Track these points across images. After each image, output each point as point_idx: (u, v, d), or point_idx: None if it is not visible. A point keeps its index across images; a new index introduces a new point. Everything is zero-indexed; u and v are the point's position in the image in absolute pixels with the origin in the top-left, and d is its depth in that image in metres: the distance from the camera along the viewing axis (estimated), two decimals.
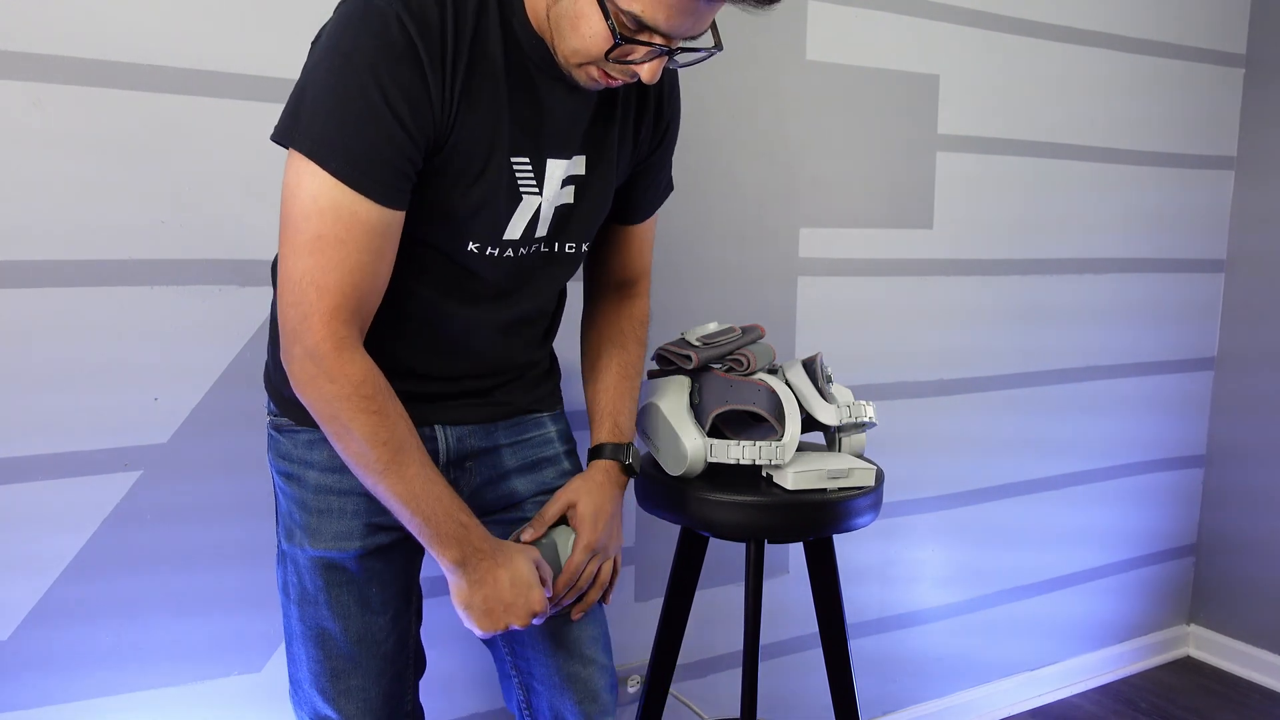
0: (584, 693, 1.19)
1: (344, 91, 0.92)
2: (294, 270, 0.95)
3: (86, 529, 1.31)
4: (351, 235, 0.94)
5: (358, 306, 0.97)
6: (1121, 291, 2.32)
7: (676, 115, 1.21)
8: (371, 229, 0.95)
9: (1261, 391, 2.44)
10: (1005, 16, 2.03)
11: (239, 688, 1.43)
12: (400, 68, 0.92)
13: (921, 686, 2.18)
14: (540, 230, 1.09)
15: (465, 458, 1.17)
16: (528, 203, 1.06)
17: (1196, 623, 2.63)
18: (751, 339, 1.34)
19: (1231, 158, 2.47)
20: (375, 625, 1.12)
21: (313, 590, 1.11)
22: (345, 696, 1.13)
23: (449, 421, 1.15)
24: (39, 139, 1.22)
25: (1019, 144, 2.10)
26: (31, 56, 1.21)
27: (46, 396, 1.27)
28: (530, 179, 1.05)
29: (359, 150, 0.92)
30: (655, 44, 0.94)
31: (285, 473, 1.14)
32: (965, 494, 2.16)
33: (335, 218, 0.93)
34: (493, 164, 1.02)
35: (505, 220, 1.06)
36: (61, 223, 1.25)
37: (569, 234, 1.13)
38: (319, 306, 0.95)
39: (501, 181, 1.03)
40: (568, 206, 1.11)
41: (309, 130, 0.93)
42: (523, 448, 1.21)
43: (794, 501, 1.24)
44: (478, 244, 1.05)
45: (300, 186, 0.93)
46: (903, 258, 1.98)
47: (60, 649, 1.31)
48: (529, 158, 1.05)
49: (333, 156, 0.92)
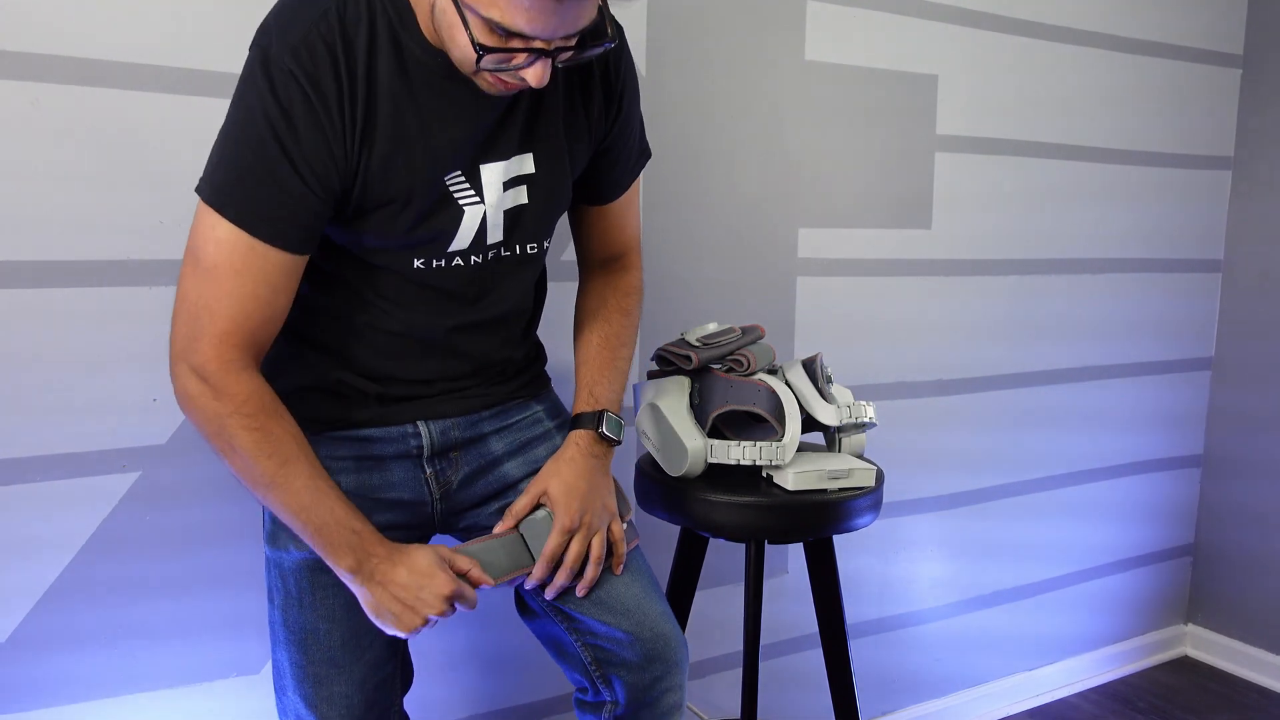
0: (653, 644, 1.16)
1: (244, 146, 0.95)
2: (189, 292, 0.97)
3: (85, 530, 1.30)
4: (248, 268, 0.96)
5: (251, 333, 0.98)
6: (1119, 292, 2.33)
7: (630, 85, 1.17)
8: (269, 267, 0.97)
9: (1258, 391, 2.45)
10: (1004, 17, 2.03)
11: (237, 689, 1.43)
12: (296, 124, 0.94)
13: (920, 687, 2.18)
14: (493, 236, 1.08)
15: (449, 449, 1.16)
16: (471, 214, 1.06)
17: (1194, 623, 2.64)
18: (751, 339, 1.34)
19: (1228, 158, 2.47)
20: (362, 628, 1.10)
21: (297, 593, 1.11)
22: (328, 703, 1.11)
23: (429, 417, 1.14)
24: (37, 139, 1.22)
25: (1017, 144, 2.10)
26: (29, 56, 1.20)
27: (44, 397, 1.26)
28: (467, 190, 1.05)
29: (259, 202, 0.95)
30: (518, 48, 0.91)
31: None
32: (963, 494, 2.16)
33: (232, 250, 0.96)
34: (418, 189, 1.02)
35: (449, 235, 1.05)
36: (59, 222, 1.24)
37: (528, 234, 1.12)
38: (209, 330, 0.97)
39: (433, 201, 1.03)
40: (520, 207, 1.09)
41: (211, 178, 0.96)
42: (510, 432, 1.21)
43: (794, 502, 1.24)
44: (422, 260, 1.06)
45: (202, 220, 0.97)
46: (901, 258, 1.98)
47: (58, 651, 1.31)
48: (461, 170, 1.04)
49: (232, 205, 0.95)
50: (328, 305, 1.09)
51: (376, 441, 1.13)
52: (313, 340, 1.11)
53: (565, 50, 0.94)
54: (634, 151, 1.23)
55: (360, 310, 1.08)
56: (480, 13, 0.89)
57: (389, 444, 1.12)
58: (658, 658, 1.16)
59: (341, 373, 1.11)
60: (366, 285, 1.07)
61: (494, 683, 1.65)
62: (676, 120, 1.69)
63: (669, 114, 1.69)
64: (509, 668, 1.66)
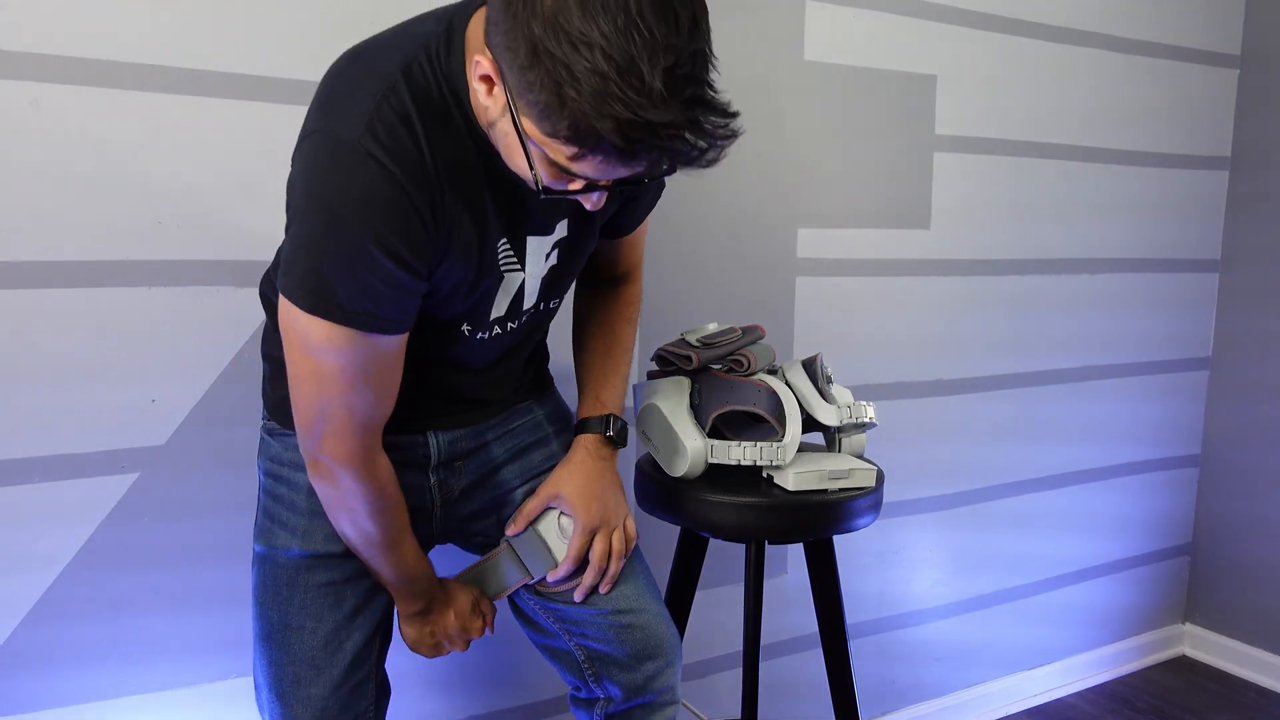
0: (645, 643, 1.19)
1: (338, 247, 0.90)
2: (318, 397, 0.97)
3: (84, 531, 1.30)
4: (373, 365, 0.97)
5: (382, 418, 1.03)
6: (1117, 291, 2.33)
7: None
8: (390, 355, 0.99)
9: (1256, 391, 2.45)
10: (1002, 17, 2.03)
11: (236, 691, 1.42)
12: (391, 214, 0.90)
13: (918, 686, 2.18)
14: (528, 302, 1.10)
15: (455, 458, 1.18)
16: (509, 280, 1.06)
17: (1192, 622, 2.64)
18: (752, 339, 1.34)
19: (1225, 158, 2.48)
20: (343, 629, 1.12)
21: (287, 590, 1.11)
22: (303, 704, 1.11)
23: (440, 428, 1.16)
24: (35, 138, 1.22)
25: (1016, 144, 2.10)
26: (28, 56, 1.20)
27: (43, 397, 1.26)
28: (512, 258, 1.04)
29: (366, 298, 0.92)
30: (578, 190, 0.89)
31: (274, 474, 1.14)
32: (961, 494, 2.16)
33: (355, 355, 0.95)
34: (485, 261, 1.01)
35: (491, 303, 1.06)
36: (58, 223, 1.24)
37: (556, 291, 1.15)
38: (349, 424, 0.99)
39: (487, 268, 1.02)
40: (553, 269, 1.10)
41: (314, 289, 0.91)
42: (510, 437, 1.22)
43: (795, 502, 1.24)
44: (470, 327, 1.07)
45: (313, 334, 0.93)
46: (900, 258, 1.98)
47: (57, 652, 1.30)
48: (508, 239, 1.03)
49: (339, 310, 0.91)
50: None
51: (389, 449, 1.10)
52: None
53: (630, 182, 0.90)
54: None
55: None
56: (547, 154, 0.85)
57: (395, 451, 1.11)
58: (650, 656, 1.19)
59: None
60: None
61: (493, 684, 1.65)
62: None
63: None
64: (508, 669, 1.65)
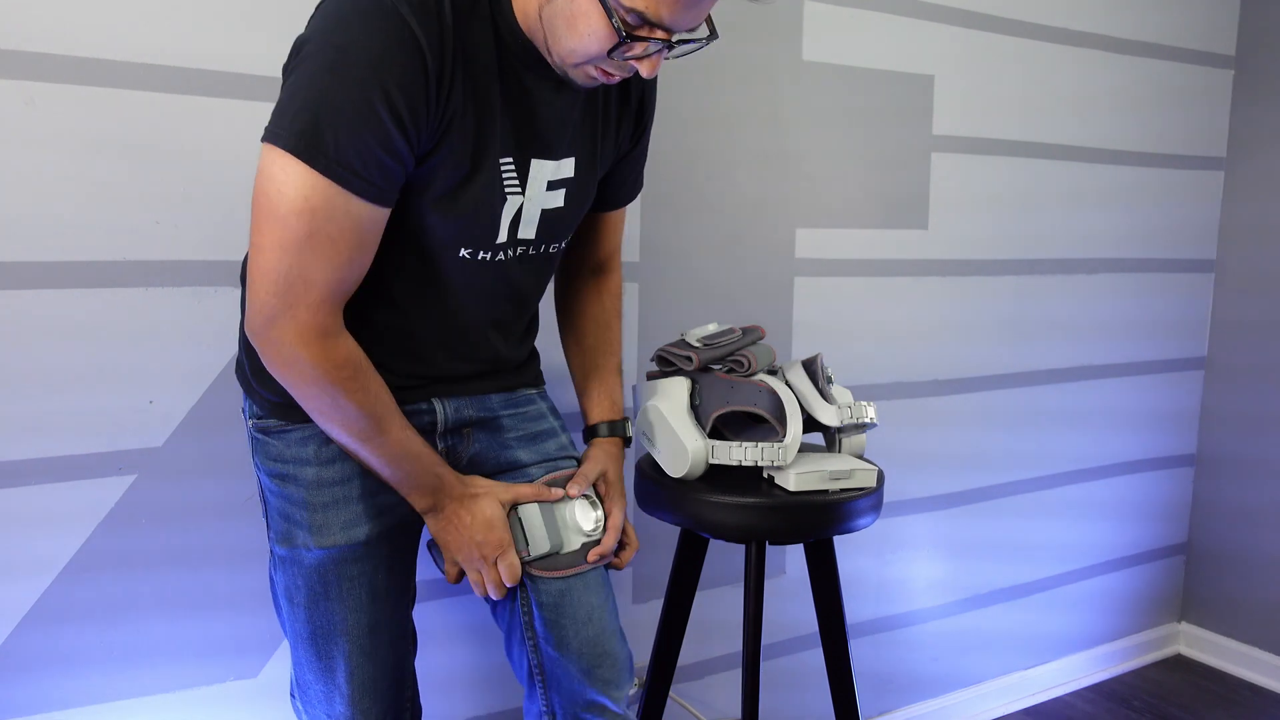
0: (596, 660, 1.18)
1: (340, 89, 0.89)
2: (279, 264, 0.94)
3: (81, 533, 1.29)
4: (343, 233, 0.94)
5: (344, 295, 0.99)
6: (1113, 292, 2.33)
7: (653, 108, 1.24)
8: (362, 225, 0.96)
9: (1251, 390, 2.46)
10: (999, 18, 2.04)
11: (235, 693, 1.42)
12: (401, 60, 0.90)
13: (916, 687, 2.18)
14: (525, 232, 1.09)
15: (463, 425, 1.18)
16: (510, 203, 1.06)
17: (1188, 621, 2.65)
18: (752, 340, 1.33)
19: (1221, 159, 2.48)
20: (384, 613, 1.14)
21: (322, 588, 1.11)
22: (361, 690, 1.14)
23: (444, 395, 1.16)
24: (32, 138, 1.21)
25: (1013, 145, 2.11)
26: (24, 55, 1.19)
27: (39, 399, 1.25)
28: (514, 179, 1.05)
29: (354, 151, 0.90)
30: (656, 38, 0.94)
31: (278, 474, 1.12)
32: (959, 494, 2.17)
33: (328, 216, 0.92)
34: (485, 166, 1.02)
35: (495, 229, 1.06)
36: (55, 223, 1.23)
37: (554, 236, 1.14)
38: (307, 299, 0.95)
39: (490, 189, 1.03)
40: (556, 210, 1.11)
41: (302, 130, 0.90)
42: (520, 420, 1.23)
43: (796, 503, 1.24)
44: (469, 249, 1.06)
45: (288, 184, 0.91)
46: (898, 258, 1.98)
47: (55, 655, 1.30)
48: (513, 158, 1.04)
49: (323, 155, 0.90)
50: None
51: None
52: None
53: (686, 41, 0.96)
54: (641, 169, 1.29)
55: (377, 306, 1.08)
56: (624, 1, 0.90)
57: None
58: (596, 676, 1.18)
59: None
60: (392, 277, 1.06)
61: (494, 686, 1.64)
62: (675, 120, 1.69)
63: (667, 114, 1.68)
64: (508, 670, 1.65)
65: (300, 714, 1.20)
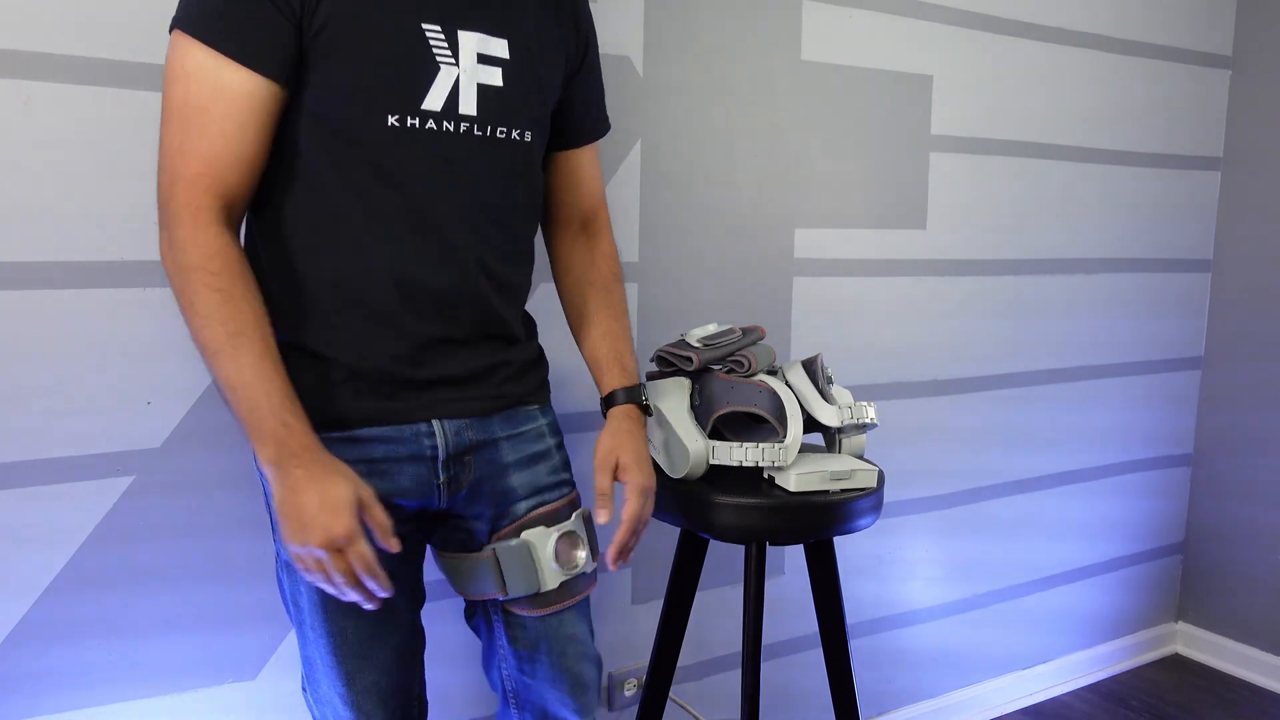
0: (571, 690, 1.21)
1: None
2: (165, 137, 0.98)
3: (78, 535, 1.29)
4: (216, 102, 0.96)
5: (220, 177, 0.98)
6: (1110, 291, 2.34)
7: (594, 39, 1.24)
8: (237, 96, 0.97)
9: (1247, 390, 2.47)
10: (997, 18, 2.04)
11: (233, 696, 1.41)
12: None
13: (914, 686, 2.18)
14: (465, 107, 1.07)
15: (464, 452, 1.14)
16: (445, 73, 1.05)
17: (1185, 620, 2.65)
18: (752, 340, 1.33)
19: (1217, 158, 2.49)
20: (391, 618, 1.13)
21: (321, 596, 1.10)
22: (363, 694, 1.13)
23: (447, 415, 1.12)
24: (29, 138, 1.20)
25: (1011, 144, 2.11)
26: (22, 54, 1.19)
27: (36, 401, 1.24)
28: (445, 48, 1.05)
29: (229, 19, 0.96)
30: None
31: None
32: (957, 494, 2.17)
33: (201, 81, 0.96)
34: (402, 29, 1.02)
35: (423, 88, 1.04)
36: (51, 223, 1.23)
37: (501, 118, 1.10)
38: (181, 174, 0.97)
39: (412, 47, 1.03)
40: (495, 89, 1.09)
41: (185, 8, 0.98)
42: (519, 441, 1.19)
43: (796, 503, 1.24)
44: (397, 115, 1.04)
45: (173, 59, 0.98)
46: (897, 258, 1.98)
47: (53, 656, 1.29)
48: (439, 26, 1.05)
49: (201, 24, 0.96)
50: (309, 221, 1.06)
51: (389, 441, 1.10)
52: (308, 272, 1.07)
53: None
54: (600, 110, 1.29)
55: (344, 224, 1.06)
56: None
57: (401, 444, 1.10)
58: (571, 700, 1.21)
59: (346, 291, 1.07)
60: (343, 176, 1.04)
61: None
62: (673, 120, 1.69)
63: (666, 114, 1.68)
64: None
65: (311, 707, 1.20)
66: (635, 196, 1.67)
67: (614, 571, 1.73)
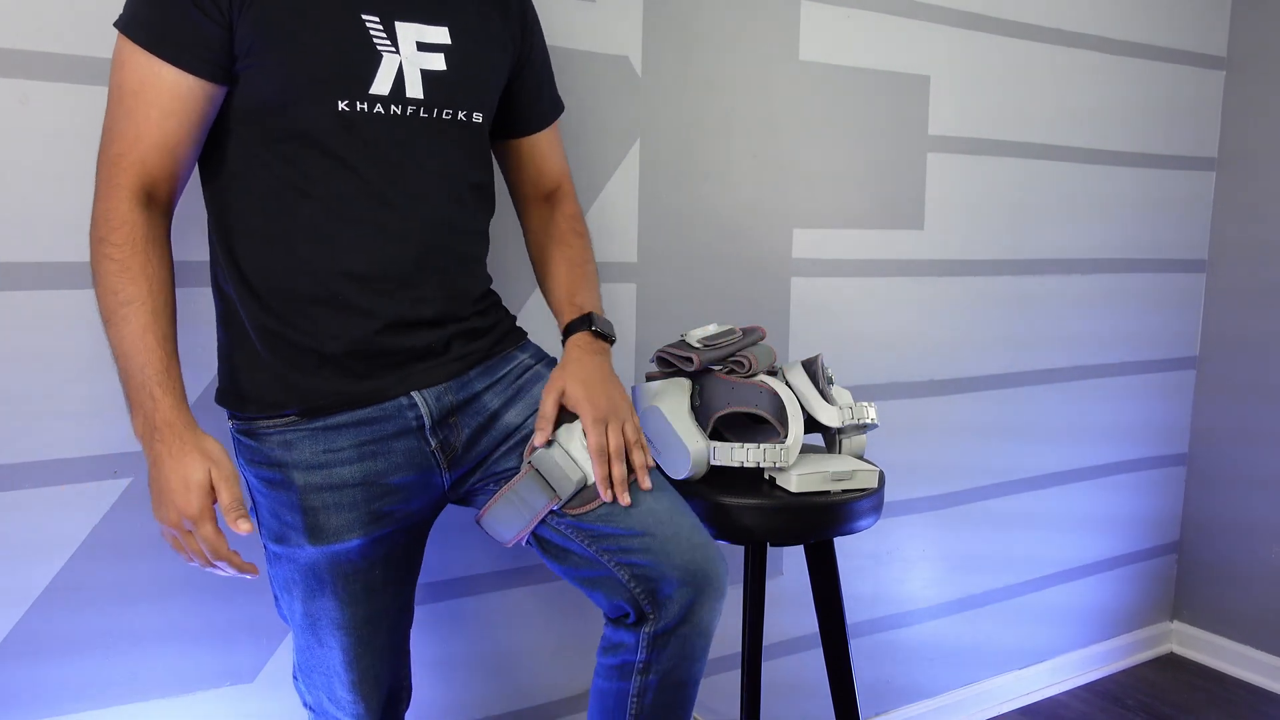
0: (690, 557, 1.12)
1: None
2: (105, 123, 1.05)
3: (75, 538, 1.28)
4: (144, 90, 1.02)
5: (141, 158, 1.03)
6: (1107, 291, 2.34)
7: (538, 26, 1.29)
8: (160, 87, 1.02)
9: (1242, 390, 2.47)
10: (995, 18, 2.04)
11: (232, 698, 1.41)
12: None
13: (912, 687, 2.18)
14: (411, 90, 1.10)
15: (448, 414, 1.15)
16: (388, 61, 1.08)
17: (1180, 619, 2.66)
18: (752, 340, 1.33)
19: (1212, 159, 2.50)
20: (380, 605, 1.15)
21: (317, 585, 1.11)
22: (360, 677, 1.15)
23: (420, 385, 1.13)
24: (26, 137, 1.19)
25: (1008, 145, 2.11)
26: (19, 53, 1.18)
27: (31, 402, 1.24)
28: (384, 37, 1.08)
29: (155, 19, 1.02)
30: None
31: (266, 478, 1.12)
32: (954, 494, 2.17)
33: (132, 72, 1.02)
34: (341, 20, 1.06)
35: (369, 74, 1.07)
36: (48, 223, 1.22)
37: (447, 100, 1.13)
38: (109, 152, 1.04)
39: (353, 36, 1.06)
40: (440, 73, 1.11)
41: (125, 9, 1.04)
42: (501, 385, 1.20)
43: (798, 504, 1.24)
44: (346, 101, 1.06)
45: (114, 55, 1.04)
46: (894, 258, 1.98)
47: (50, 658, 1.28)
48: (378, 17, 1.08)
49: (135, 26, 1.02)
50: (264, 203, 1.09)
51: (375, 422, 1.11)
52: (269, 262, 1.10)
53: None
54: (551, 85, 1.33)
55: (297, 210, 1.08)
56: None
57: (387, 422, 1.11)
58: (698, 571, 1.12)
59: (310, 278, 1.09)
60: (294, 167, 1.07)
61: (496, 686, 1.63)
62: (671, 120, 1.69)
63: (664, 114, 1.68)
64: (511, 671, 1.64)
65: (303, 694, 1.21)
66: (634, 196, 1.66)
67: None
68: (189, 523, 1.02)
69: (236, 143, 1.08)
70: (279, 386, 1.09)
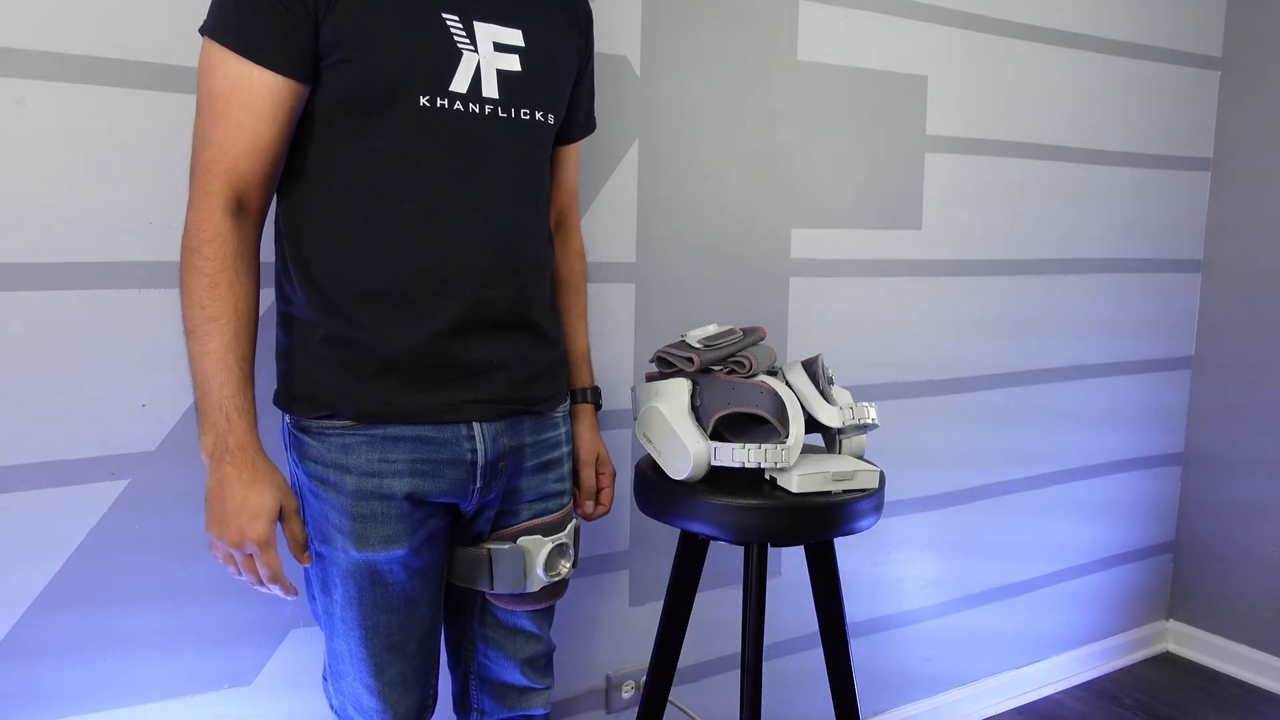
0: (532, 666, 1.30)
1: None
2: (195, 129, 1.05)
3: (73, 539, 1.27)
4: (235, 94, 1.02)
5: (234, 163, 1.03)
6: (1103, 291, 2.35)
7: (593, 38, 1.31)
8: (251, 89, 1.02)
9: (1238, 389, 2.48)
10: (993, 19, 2.04)
11: (231, 700, 1.40)
12: None
13: (910, 686, 2.18)
14: (488, 90, 1.11)
15: (499, 459, 1.18)
16: (467, 59, 1.10)
17: (1176, 618, 2.67)
18: (753, 340, 1.33)
19: (1208, 159, 2.50)
20: (417, 614, 1.16)
21: (357, 592, 1.12)
22: (389, 686, 1.16)
23: (483, 418, 1.15)
24: (24, 137, 1.19)
25: (1006, 145, 2.11)
26: (16, 52, 1.17)
27: (29, 403, 1.23)
28: (463, 34, 1.10)
29: (244, 23, 1.02)
30: None
31: (319, 478, 1.12)
32: (951, 494, 2.17)
33: (220, 77, 1.02)
34: (424, 18, 1.07)
35: (449, 71, 1.08)
36: (46, 223, 1.21)
37: (523, 100, 1.15)
38: (200, 159, 1.04)
39: (435, 33, 1.08)
40: (515, 74, 1.13)
41: (211, 16, 1.05)
42: (539, 448, 1.25)
43: (798, 504, 1.23)
44: (428, 96, 1.07)
45: (200, 60, 1.05)
46: (892, 258, 1.98)
47: (45, 663, 1.27)
48: (458, 15, 1.10)
49: (224, 30, 1.03)
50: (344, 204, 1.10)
51: (432, 443, 1.13)
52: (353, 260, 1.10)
53: None
54: (591, 103, 1.36)
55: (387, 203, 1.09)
56: None
57: (444, 447, 1.13)
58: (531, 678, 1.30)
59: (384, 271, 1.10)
60: (374, 162, 1.08)
61: None
62: (670, 120, 1.68)
63: (663, 114, 1.68)
64: None
65: (330, 697, 1.22)
66: (632, 196, 1.66)
67: (612, 573, 1.73)
68: (253, 547, 1.05)
69: (315, 143, 1.08)
70: (336, 390, 1.09)
